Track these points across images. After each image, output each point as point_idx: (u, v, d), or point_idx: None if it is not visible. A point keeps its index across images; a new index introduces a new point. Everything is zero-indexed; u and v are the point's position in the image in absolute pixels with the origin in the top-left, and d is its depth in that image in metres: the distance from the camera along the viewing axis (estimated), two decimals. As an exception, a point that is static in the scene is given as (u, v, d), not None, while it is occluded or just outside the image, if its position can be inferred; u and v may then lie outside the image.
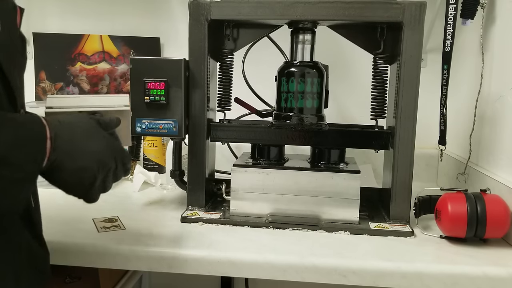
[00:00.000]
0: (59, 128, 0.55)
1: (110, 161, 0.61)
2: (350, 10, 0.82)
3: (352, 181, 0.85)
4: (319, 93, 0.87)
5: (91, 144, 0.59)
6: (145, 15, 1.32)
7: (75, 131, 0.58)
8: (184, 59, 0.87)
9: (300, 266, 0.72)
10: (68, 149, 0.55)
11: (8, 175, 0.49)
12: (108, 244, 0.76)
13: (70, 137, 0.56)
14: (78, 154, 0.57)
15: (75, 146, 0.56)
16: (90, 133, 0.60)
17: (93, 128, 0.61)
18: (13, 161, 0.49)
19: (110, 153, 0.61)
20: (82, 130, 0.59)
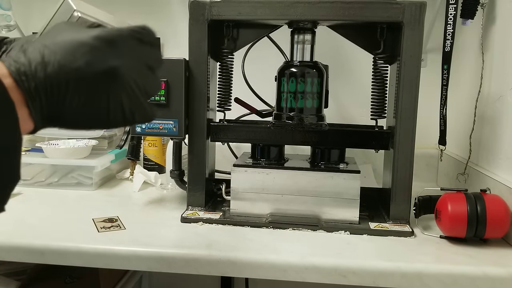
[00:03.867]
0: (21, 65, 0.41)
1: (119, 61, 0.44)
2: (350, 10, 0.82)
3: (352, 181, 0.85)
4: (319, 93, 0.87)
5: (80, 51, 0.43)
6: (145, 15, 1.32)
7: (46, 52, 0.42)
8: (184, 59, 0.87)
9: (300, 266, 0.72)
10: (49, 79, 0.41)
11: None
12: (107, 244, 0.76)
13: (43, 63, 0.41)
14: (68, 77, 0.42)
15: (56, 69, 0.42)
16: (71, 40, 0.43)
17: (73, 30, 0.45)
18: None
19: (117, 50, 0.45)
20: (59, 43, 0.43)
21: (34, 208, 0.94)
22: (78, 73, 0.42)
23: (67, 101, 0.43)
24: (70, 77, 0.42)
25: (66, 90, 0.42)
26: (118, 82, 0.44)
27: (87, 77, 0.42)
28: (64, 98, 0.42)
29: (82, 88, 0.43)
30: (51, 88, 0.42)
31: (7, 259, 0.77)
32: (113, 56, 0.44)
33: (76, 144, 1.14)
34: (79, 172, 1.08)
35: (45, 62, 0.41)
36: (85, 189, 1.07)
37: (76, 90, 0.42)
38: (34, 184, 1.08)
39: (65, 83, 0.42)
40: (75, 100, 0.43)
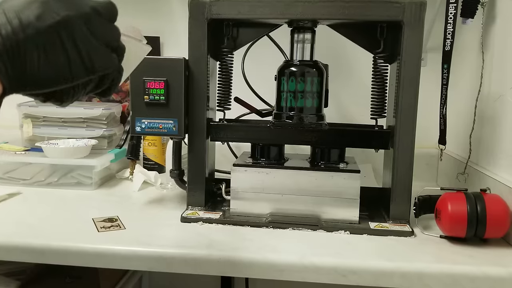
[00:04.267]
0: None
1: (77, 10, 0.45)
2: (350, 9, 0.81)
3: (352, 180, 0.85)
4: (319, 92, 0.87)
5: (37, 4, 0.43)
6: (144, 15, 1.31)
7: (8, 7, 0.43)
8: (184, 59, 0.86)
9: (299, 265, 0.72)
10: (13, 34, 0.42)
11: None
12: (107, 244, 0.76)
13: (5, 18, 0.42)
14: (27, 31, 0.43)
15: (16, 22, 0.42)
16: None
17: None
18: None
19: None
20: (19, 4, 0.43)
21: (33, 208, 0.94)
22: (31, 29, 0.43)
23: (28, 59, 0.43)
24: (26, 35, 0.43)
25: (25, 48, 0.43)
26: (70, 30, 0.45)
27: (41, 31, 0.43)
28: (25, 56, 0.43)
29: (39, 44, 0.43)
30: (11, 48, 0.42)
31: (7, 259, 0.77)
32: (64, 8, 0.45)
33: (76, 144, 1.14)
34: (79, 172, 1.08)
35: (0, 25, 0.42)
36: (85, 188, 1.07)
37: (34, 46, 0.43)
38: (34, 184, 1.07)
39: (22, 41, 0.43)
40: (34, 56, 0.43)
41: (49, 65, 0.44)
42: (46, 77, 0.45)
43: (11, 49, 0.42)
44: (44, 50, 0.44)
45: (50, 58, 0.44)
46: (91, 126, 1.20)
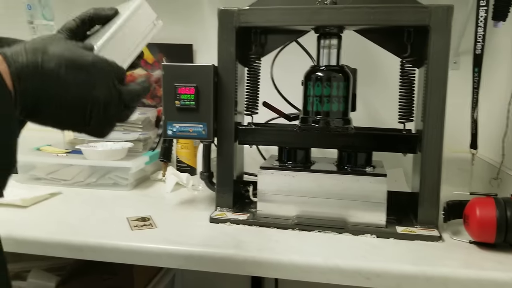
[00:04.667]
0: (19, 64, 0.44)
1: (106, 94, 0.50)
2: (376, 14, 0.82)
3: (378, 184, 0.85)
4: (345, 96, 0.88)
5: (72, 74, 0.48)
6: (179, 23, 1.36)
7: (45, 60, 0.46)
8: (213, 65, 0.90)
9: (324, 267, 0.73)
10: (40, 88, 0.45)
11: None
12: (141, 241, 0.79)
13: (39, 70, 0.46)
14: (55, 91, 0.46)
15: (48, 81, 0.46)
16: (70, 57, 0.48)
17: (73, 50, 0.49)
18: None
19: (103, 83, 0.50)
20: (56, 54, 0.47)
21: (73, 206, 0.99)
22: (65, 89, 0.47)
23: (48, 110, 0.47)
24: (57, 91, 0.47)
25: (49, 79, 0.46)
26: (95, 108, 0.50)
27: (72, 97, 0.48)
28: (43, 86, 0.46)
29: (63, 105, 0.48)
30: (36, 76, 0.45)
31: (49, 254, 0.82)
32: (98, 87, 0.50)
33: (113, 147, 1.20)
34: (116, 173, 1.13)
35: (37, 60, 0.46)
36: (121, 189, 1.12)
37: (58, 105, 0.47)
38: (74, 184, 1.13)
39: (48, 76, 0.46)
40: (56, 111, 0.48)
41: (63, 121, 0.49)
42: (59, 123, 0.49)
43: (35, 90, 0.45)
44: (67, 111, 0.48)
45: (68, 117, 0.49)
46: (128, 129, 1.25)
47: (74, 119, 0.49)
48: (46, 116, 0.48)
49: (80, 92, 0.48)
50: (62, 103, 0.47)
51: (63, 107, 0.47)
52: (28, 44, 0.47)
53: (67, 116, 0.49)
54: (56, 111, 0.47)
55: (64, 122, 0.50)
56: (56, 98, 0.47)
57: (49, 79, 0.46)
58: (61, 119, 0.49)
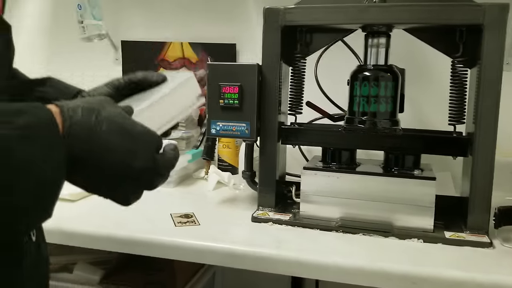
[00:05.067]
0: (74, 119, 0.46)
1: (146, 162, 0.50)
2: (427, 13, 0.80)
3: (426, 188, 0.83)
4: (393, 97, 0.86)
5: (118, 140, 0.48)
6: (223, 23, 1.37)
7: (98, 119, 0.47)
8: (258, 64, 0.90)
9: (369, 270, 0.72)
10: (86, 143, 0.46)
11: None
12: (184, 238, 0.80)
13: (89, 130, 0.46)
14: (99, 154, 0.47)
15: (95, 142, 0.47)
16: (119, 124, 0.49)
17: (122, 117, 0.50)
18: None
19: (144, 153, 0.50)
20: (108, 119, 0.48)
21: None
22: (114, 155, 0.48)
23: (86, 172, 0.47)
24: (99, 150, 0.47)
25: (96, 141, 0.47)
26: (141, 179, 0.51)
27: (122, 168, 0.48)
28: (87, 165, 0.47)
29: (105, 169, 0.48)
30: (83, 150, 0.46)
31: (95, 248, 0.84)
32: (145, 160, 0.50)
33: (157, 145, 1.21)
34: (159, 171, 1.15)
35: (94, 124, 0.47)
36: (164, 186, 1.13)
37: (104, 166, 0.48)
38: (119, 181, 1.16)
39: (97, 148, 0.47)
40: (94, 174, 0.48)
41: (94, 183, 0.49)
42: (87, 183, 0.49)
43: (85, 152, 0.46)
44: (103, 175, 0.48)
45: (102, 180, 0.48)
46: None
47: (106, 184, 0.49)
48: (80, 175, 0.48)
49: (121, 158, 0.48)
50: (101, 166, 0.47)
51: (101, 170, 0.48)
52: (85, 103, 0.48)
53: (102, 179, 0.49)
54: (92, 173, 0.48)
55: (94, 184, 0.50)
56: (97, 161, 0.47)
57: (96, 141, 0.46)
58: (94, 181, 0.49)
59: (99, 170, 0.47)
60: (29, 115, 0.42)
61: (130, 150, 0.49)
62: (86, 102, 0.48)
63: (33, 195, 0.42)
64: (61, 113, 0.45)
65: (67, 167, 0.45)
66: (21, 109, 0.42)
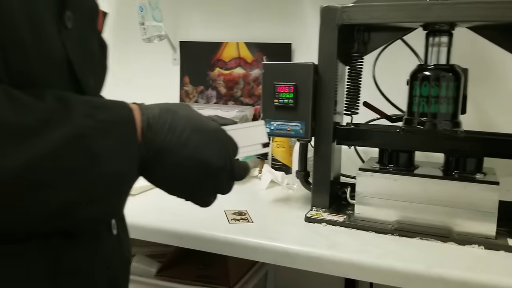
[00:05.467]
0: (152, 115, 0.48)
1: (221, 161, 0.51)
2: (493, 10, 0.76)
3: (489, 192, 0.79)
4: (455, 98, 0.83)
5: (195, 136, 0.49)
6: (278, 22, 1.37)
7: (174, 117, 0.49)
8: (313, 64, 0.89)
9: (426, 276, 0.69)
10: (163, 140, 0.48)
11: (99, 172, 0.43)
12: (237, 234, 0.81)
13: (167, 124, 0.48)
14: (177, 148, 0.48)
15: (173, 136, 0.48)
16: (195, 122, 0.50)
17: (198, 116, 0.52)
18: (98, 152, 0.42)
19: (221, 151, 0.52)
20: (184, 118, 0.50)
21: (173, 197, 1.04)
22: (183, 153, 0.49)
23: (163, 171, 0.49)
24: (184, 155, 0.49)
25: (173, 137, 0.48)
26: (214, 181, 0.52)
27: (200, 164, 0.50)
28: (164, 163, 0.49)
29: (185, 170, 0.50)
30: (159, 151, 0.48)
31: (152, 240, 0.87)
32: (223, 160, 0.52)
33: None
34: (214, 168, 1.17)
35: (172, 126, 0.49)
36: (219, 184, 1.16)
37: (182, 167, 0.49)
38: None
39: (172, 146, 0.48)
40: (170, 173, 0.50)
41: (175, 182, 0.51)
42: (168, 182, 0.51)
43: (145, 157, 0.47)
44: (182, 172, 0.50)
45: (181, 178, 0.50)
46: (226, 127, 1.29)
47: (186, 182, 0.51)
48: (160, 173, 0.49)
49: (198, 155, 0.49)
50: (180, 162, 0.48)
51: (179, 167, 0.49)
52: (163, 104, 0.51)
53: (181, 177, 0.50)
54: (171, 170, 0.49)
55: (175, 184, 0.51)
56: (175, 156, 0.48)
57: (173, 137, 0.48)
58: (174, 180, 0.50)
59: (178, 167, 0.49)
60: (109, 110, 0.45)
61: (208, 148, 0.50)
62: (163, 104, 0.51)
63: (104, 183, 0.44)
64: (140, 110, 0.48)
65: (140, 164, 0.47)
66: (104, 104, 0.45)
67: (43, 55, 0.44)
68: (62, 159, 0.40)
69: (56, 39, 0.46)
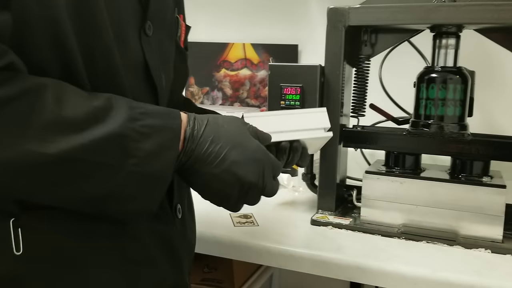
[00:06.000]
0: (197, 126, 0.52)
1: (254, 178, 0.54)
2: (501, 13, 0.75)
3: (496, 196, 0.79)
4: (462, 100, 0.82)
5: (234, 152, 0.53)
6: (284, 24, 1.37)
7: (219, 132, 0.53)
8: (320, 65, 0.89)
9: (432, 280, 0.69)
10: (204, 152, 0.52)
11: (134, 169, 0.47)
12: (242, 238, 0.81)
13: (210, 138, 0.52)
14: (216, 161, 0.52)
15: (213, 150, 0.52)
16: (237, 139, 0.54)
17: (242, 134, 0.56)
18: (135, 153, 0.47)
19: (256, 169, 0.55)
20: (228, 133, 0.54)
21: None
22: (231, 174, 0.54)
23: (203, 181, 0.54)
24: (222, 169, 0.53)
25: (214, 149, 0.52)
26: (248, 192, 0.56)
27: (235, 177, 0.54)
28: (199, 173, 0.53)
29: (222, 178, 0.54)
30: (199, 160, 0.52)
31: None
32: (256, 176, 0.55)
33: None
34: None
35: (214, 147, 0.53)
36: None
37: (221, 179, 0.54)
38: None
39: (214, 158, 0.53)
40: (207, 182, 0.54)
41: (210, 189, 0.55)
42: (202, 188, 0.56)
43: (201, 156, 0.52)
44: (215, 181, 0.53)
45: (216, 187, 0.54)
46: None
47: (219, 193, 0.55)
48: (196, 181, 0.54)
49: (234, 170, 0.53)
50: (216, 175, 0.52)
51: (215, 179, 0.53)
52: (213, 117, 0.55)
53: (216, 187, 0.54)
54: (207, 180, 0.53)
55: (209, 192, 0.55)
56: (213, 169, 0.52)
57: (213, 151, 0.52)
58: (209, 189, 0.55)
59: (214, 179, 0.53)
60: (157, 118, 0.49)
61: (245, 165, 0.53)
62: (214, 117, 0.55)
63: (136, 183, 0.48)
64: (188, 121, 0.52)
65: (178, 169, 0.51)
66: (154, 112, 0.50)
67: (125, 59, 0.51)
68: (99, 154, 0.45)
69: (137, 45, 0.53)
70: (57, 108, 0.44)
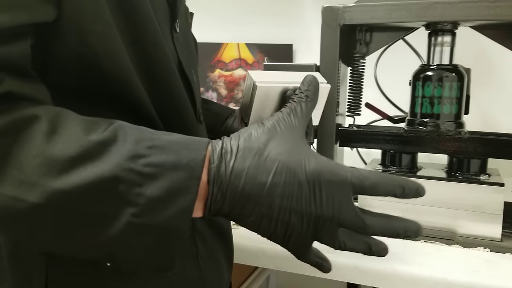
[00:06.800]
0: (226, 161, 0.40)
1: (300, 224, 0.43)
2: (497, 9, 0.75)
3: (494, 194, 0.78)
4: (458, 98, 0.82)
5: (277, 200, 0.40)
6: (279, 23, 1.37)
7: (258, 166, 0.40)
8: (315, 65, 0.88)
9: (430, 280, 0.68)
10: (243, 192, 0.40)
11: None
12: (239, 240, 0.80)
13: (244, 174, 0.40)
14: (260, 199, 0.40)
15: (253, 187, 0.40)
16: (288, 169, 0.40)
17: (295, 159, 0.41)
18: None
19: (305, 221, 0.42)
20: (273, 164, 0.40)
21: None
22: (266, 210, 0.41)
23: (242, 219, 0.42)
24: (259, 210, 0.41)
25: (253, 191, 0.40)
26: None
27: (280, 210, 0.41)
28: (241, 217, 0.42)
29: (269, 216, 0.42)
30: (236, 205, 0.40)
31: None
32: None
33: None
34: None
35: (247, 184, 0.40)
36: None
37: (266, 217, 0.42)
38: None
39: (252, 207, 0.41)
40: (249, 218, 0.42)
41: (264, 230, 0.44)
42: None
43: (235, 205, 0.40)
44: (269, 222, 0.42)
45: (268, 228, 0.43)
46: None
47: (274, 232, 0.44)
48: (244, 225, 0.43)
49: (285, 205, 0.41)
50: (264, 213, 0.41)
51: (264, 218, 0.41)
52: (244, 141, 0.41)
53: (267, 227, 0.43)
54: (254, 222, 0.42)
55: (264, 231, 0.44)
56: (256, 210, 0.40)
57: (253, 187, 0.39)
58: (263, 229, 0.43)
59: (262, 217, 0.41)
60: (170, 152, 0.38)
61: (296, 195, 0.41)
62: (246, 140, 0.41)
63: (138, 238, 0.38)
64: (212, 153, 0.40)
65: (211, 216, 0.41)
66: (171, 143, 0.39)
67: (162, 60, 0.49)
68: (86, 201, 0.36)
69: (171, 45, 0.52)
70: (44, 144, 0.36)
